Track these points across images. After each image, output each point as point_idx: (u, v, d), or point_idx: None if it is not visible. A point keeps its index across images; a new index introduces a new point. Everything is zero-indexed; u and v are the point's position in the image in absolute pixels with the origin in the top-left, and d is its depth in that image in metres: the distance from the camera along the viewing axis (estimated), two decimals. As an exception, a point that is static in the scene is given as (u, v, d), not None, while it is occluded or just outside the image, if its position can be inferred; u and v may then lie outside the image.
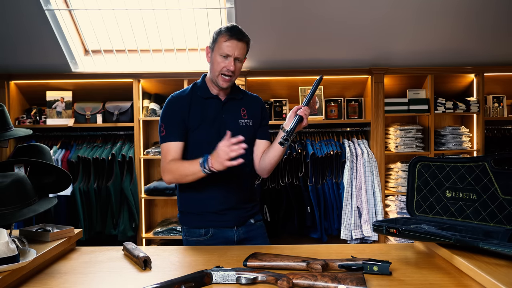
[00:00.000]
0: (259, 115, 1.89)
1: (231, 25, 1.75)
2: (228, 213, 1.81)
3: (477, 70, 3.60)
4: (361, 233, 3.39)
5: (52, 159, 1.82)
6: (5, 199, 1.41)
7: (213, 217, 1.81)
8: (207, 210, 1.81)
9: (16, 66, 3.52)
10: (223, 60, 1.72)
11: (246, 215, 1.87)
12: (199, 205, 1.81)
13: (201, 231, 1.81)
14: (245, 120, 1.84)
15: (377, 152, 3.51)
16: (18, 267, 1.26)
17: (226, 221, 1.81)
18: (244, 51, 1.75)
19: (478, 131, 3.65)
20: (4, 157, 3.50)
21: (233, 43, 1.70)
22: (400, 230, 1.48)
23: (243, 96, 1.89)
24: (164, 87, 3.71)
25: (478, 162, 1.52)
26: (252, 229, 1.87)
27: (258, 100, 1.93)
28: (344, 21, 3.17)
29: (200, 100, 1.81)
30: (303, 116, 1.67)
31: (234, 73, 1.74)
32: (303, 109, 1.68)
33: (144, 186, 3.55)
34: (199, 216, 1.82)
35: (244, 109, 1.85)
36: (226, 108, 1.83)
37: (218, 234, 1.81)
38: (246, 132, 1.77)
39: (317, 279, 1.22)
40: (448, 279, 1.28)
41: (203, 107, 1.79)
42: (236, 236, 1.83)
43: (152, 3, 3.22)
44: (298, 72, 3.53)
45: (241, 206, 1.84)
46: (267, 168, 1.83)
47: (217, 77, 1.74)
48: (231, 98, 1.84)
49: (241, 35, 1.72)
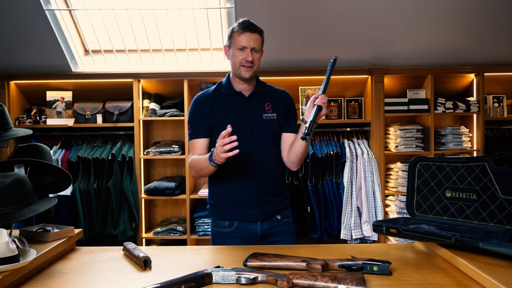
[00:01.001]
0: (285, 109, 1.91)
1: (243, 20, 1.83)
2: (253, 206, 1.84)
3: (477, 70, 3.60)
4: (361, 233, 3.39)
5: (52, 159, 1.82)
6: (5, 199, 1.41)
7: (238, 210, 1.85)
8: (232, 202, 1.85)
9: (16, 66, 3.52)
10: (241, 53, 1.80)
11: (272, 210, 1.87)
12: (225, 197, 1.87)
13: (226, 223, 1.86)
14: (269, 114, 1.88)
15: (377, 152, 3.51)
16: (18, 267, 1.26)
17: (250, 215, 1.84)
18: (259, 42, 1.81)
19: (478, 131, 3.65)
20: (4, 157, 3.50)
21: (247, 35, 1.79)
22: (400, 230, 1.48)
23: (268, 91, 1.93)
24: (164, 87, 3.71)
25: (478, 162, 1.52)
26: (277, 225, 1.88)
27: (284, 94, 1.97)
28: (344, 21, 3.17)
29: (224, 97, 1.88)
30: (322, 105, 1.68)
31: (253, 63, 1.80)
32: (320, 97, 1.69)
33: (144, 186, 3.55)
34: (225, 209, 1.87)
35: (269, 103, 1.89)
36: (250, 103, 1.88)
37: (242, 228, 1.85)
38: (270, 126, 1.86)
39: (317, 279, 1.22)
40: (448, 279, 1.28)
41: (226, 104, 1.86)
42: (260, 231, 1.85)
43: (152, 3, 3.22)
44: (298, 72, 3.53)
45: (267, 200, 1.85)
46: (294, 160, 1.85)
47: (239, 69, 1.82)
48: (255, 93, 1.89)
49: (254, 27, 1.81)
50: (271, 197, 1.87)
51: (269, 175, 1.86)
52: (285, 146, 1.89)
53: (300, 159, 1.85)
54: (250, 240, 1.85)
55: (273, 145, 1.89)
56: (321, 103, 1.68)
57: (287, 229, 1.91)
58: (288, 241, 1.88)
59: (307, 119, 1.69)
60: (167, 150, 3.52)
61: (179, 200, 3.74)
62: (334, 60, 1.79)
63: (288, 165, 1.90)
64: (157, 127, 3.85)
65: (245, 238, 1.85)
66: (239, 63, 1.80)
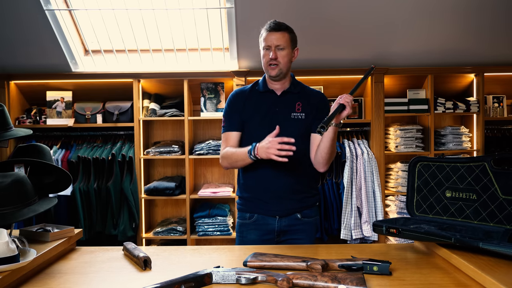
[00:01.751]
0: (316, 109, 1.93)
1: (270, 21, 1.88)
2: (272, 202, 1.88)
3: (477, 70, 3.60)
4: (361, 233, 3.39)
5: (52, 159, 1.82)
6: (5, 199, 1.41)
7: (258, 203, 1.91)
8: (256, 196, 1.91)
9: (16, 66, 3.52)
10: (266, 52, 1.86)
11: (292, 208, 1.90)
12: (250, 192, 1.93)
13: (247, 215, 1.94)
14: (298, 114, 1.91)
15: (377, 152, 3.51)
16: (18, 267, 1.26)
17: (269, 209, 1.89)
18: (284, 40, 1.84)
19: (478, 131, 3.65)
20: (4, 157, 3.50)
21: (270, 34, 1.84)
22: (400, 230, 1.48)
23: (300, 90, 1.96)
24: (164, 87, 3.71)
25: (478, 162, 1.52)
26: (296, 223, 1.90)
27: (319, 95, 2.00)
28: (344, 21, 3.17)
29: (257, 94, 1.95)
30: (345, 104, 1.69)
31: (278, 60, 1.84)
32: (345, 96, 1.70)
33: (144, 186, 3.55)
34: (248, 202, 1.94)
35: (300, 103, 1.92)
36: (281, 102, 1.92)
37: (261, 221, 1.90)
38: (296, 125, 1.89)
39: (317, 279, 1.22)
40: (448, 279, 1.28)
41: (258, 100, 1.93)
42: (278, 226, 1.88)
43: (152, 3, 3.22)
44: (298, 72, 3.52)
45: (287, 196, 1.88)
46: (320, 161, 1.86)
47: (266, 68, 1.88)
48: (288, 92, 1.93)
49: (278, 26, 1.85)
50: (291, 194, 1.89)
51: (291, 173, 1.88)
52: (313, 147, 1.91)
53: (326, 159, 1.85)
54: (268, 235, 1.90)
55: (300, 144, 1.85)
56: (344, 102, 1.69)
57: (307, 229, 1.92)
58: (306, 241, 1.89)
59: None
60: (167, 150, 3.52)
61: (179, 200, 3.74)
62: (372, 68, 1.84)
63: (315, 165, 1.91)
64: (157, 127, 3.85)
65: (263, 232, 1.90)
66: (266, 62, 1.87)
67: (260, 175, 1.89)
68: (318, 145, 1.86)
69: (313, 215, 1.96)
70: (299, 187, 1.91)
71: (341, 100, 1.69)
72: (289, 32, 1.87)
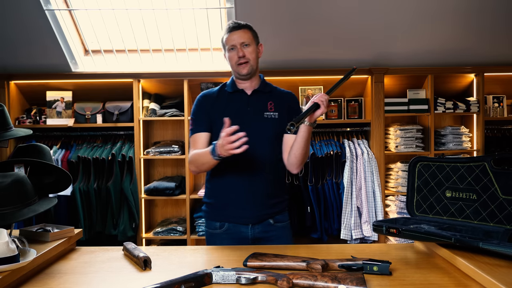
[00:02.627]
0: (288, 109, 1.88)
1: (229, 22, 1.86)
2: (244, 208, 1.80)
3: (477, 70, 3.60)
4: (361, 233, 3.39)
5: (52, 159, 1.82)
6: (5, 199, 1.41)
7: (229, 211, 1.82)
8: (225, 202, 1.83)
9: (16, 66, 3.52)
10: (233, 53, 1.82)
11: (264, 214, 1.82)
12: (219, 197, 1.85)
13: (217, 224, 1.84)
14: (270, 113, 1.85)
15: (377, 152, 3.51)
16: (18, 267, 1.26)
17: (241, 217, 1.81)
18: (247, 36, 1.81)
19: (478, 131, 3.65)
20: (4, 157, 3.50)
21: (232, 34, 1.81)
22: (400, 230, 1.48)
23: (271, 90, 1.92)
24: (164, 87, 3.71)
25: (478, 162, 1.52)
26: (270, 229, 1.83)
27: (289, 95, 1.95)
28: (344, 21, 3.17)
29: (226, 94, 1.89)
30: (319, 102, 1.66)
31: (247, 57, 1.80)
32: (320, 95, 1.67)
33: (144, 186, 3.55)
34: (216, 209, 1.86)
35: (272, 102, 1.87)
36: (252, 101, 1.87)
37: (232, 230, 1.82)
38: (270, 125, 1.84)
39: (317, 279, 1.22)
40: (448, 279, 1.28)
41: (228, 101, 1.87)
42: (251, 234, 1.81)
43: (152, 3, 3.22)
44: (298, 72, 3.53)
45: (260, 201, 1.81)
46: (294, 162, 1.81)
47: (236, 68, 1.83)
48: (258, 91, 1.89)
49: (237, 24, 1.82)
50: (264, 199, 1.82)
51: (266, 176, 1.82)
52: (286, 148, 1.85)
53: (299, 160, 1.79)
54: (241, 243, 1.80)
55: (273, 144, 1.85)
56: (318, 101, 1.65)
57: (281, 235, 1.85)
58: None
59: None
60: (167, 150, 3.52)
61: (179, 200, 3.73)
62: (353, 69, 1.78)
63: (289, 167, 1.86)
64: (157, 127, 3.85)
65: (236, 241, 1.81)
66: (235, 62, 1.81)
67: (231, 179, 1.81)
68: (292, 145, 1.80)
69: (285, 220, 1.89)
70: (272, 190, 1.84)
71: (316, 99, 1.66)
72: (250, 29, 1.84)
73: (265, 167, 1.81)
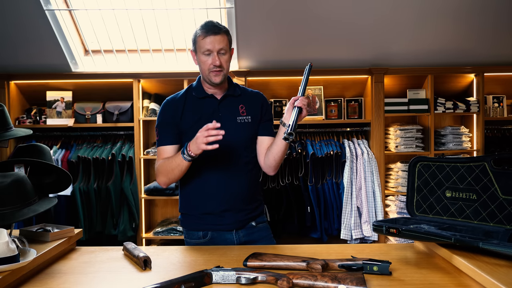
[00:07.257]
0: (260, 111, 1.84)
1: (205, 22, 1.74)
2: (227, 215, 1.76)
3: (477, 70, 3.60)
4: (361, 233, 3.39)
5: (52, 159, 1.82)
6: (5, 199, 1.41)
7: (211, 219, 1.77)
8: (205, 212, 1.78)
9: (16, 66, 3.52)
10: (207, 58, 1.71)
11: (247, 218, 1.80)
12: (197, 206, 1.79)
13: (200, 233, 1.80)
14: (243, 117, 1.80)
15: (377, 152, 3.51)
16: (18, 267, 1.26)
17: (224, 224, 1.77)
18: (225, 43, 1.72)
19: (478, 131, 3.65)
20: (4, 157, 3.50)
21: (211, 38, 1.69)
22: (400, 230, 1.48)
23: (241, 93, 1.85)
24: (164, 87, 3.71)
25: (478, 162, 1.52)
26: (253, 231, 1.82)
27: (258, 96, 1.89)
28: (344, 21, 3.17)
29: (195, 100, 1.80)
30: (302, 107, 1.64)
31: (222, 66, 1.72)
32: (300, 99, 1.64)
33: (144, 186, 3.55)
34: (198, 219, 1.80)
35: (243, 105, 1.81)
36: (223, 106, 1.79)
37: (217, 238, 1.78)
38: (245, 129, 1.78)
39: (317, 279, 1.22)
40: (448, 279, 1.28)
41: (198, 107, 1.78)
42: (236, 239, 1.79)
43: (152, 3, 3.22)
44: (298, 72, 3.53)
45: (241, 207, 1.78)
46: (272, 164, 1.79)
47: (208, 75, 1.73)
48: (228, 96, 1.81)
49: (217, 29, 1.70)
50: (245, 204, 1.79)
51: (243, 181, 1.78)
52: (262, 150, 1.82)
53: (278, 163, 1.78)
54: None
55: (249, 149, 1.81)
56: (301, 105, 1.63)
57: (265, 235, 1.84)
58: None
59: (286, 121, 1.66)
60: (167, 150, 3.52)
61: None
62: (310, 66, 1.72)
63: (265, 169, 1.82)
64: (157, 127, 3.85)
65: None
66: (208, 69, 1.71)
67: (207, 188, 1.75)
68: (269, 148, 1.78)
69: (264, 220, 1.88)
70: (252, 195, 1.82)
71: (298, 103, 1.63)
72: (227, 34, 1.74)
73: (241, 172, 1.78)
